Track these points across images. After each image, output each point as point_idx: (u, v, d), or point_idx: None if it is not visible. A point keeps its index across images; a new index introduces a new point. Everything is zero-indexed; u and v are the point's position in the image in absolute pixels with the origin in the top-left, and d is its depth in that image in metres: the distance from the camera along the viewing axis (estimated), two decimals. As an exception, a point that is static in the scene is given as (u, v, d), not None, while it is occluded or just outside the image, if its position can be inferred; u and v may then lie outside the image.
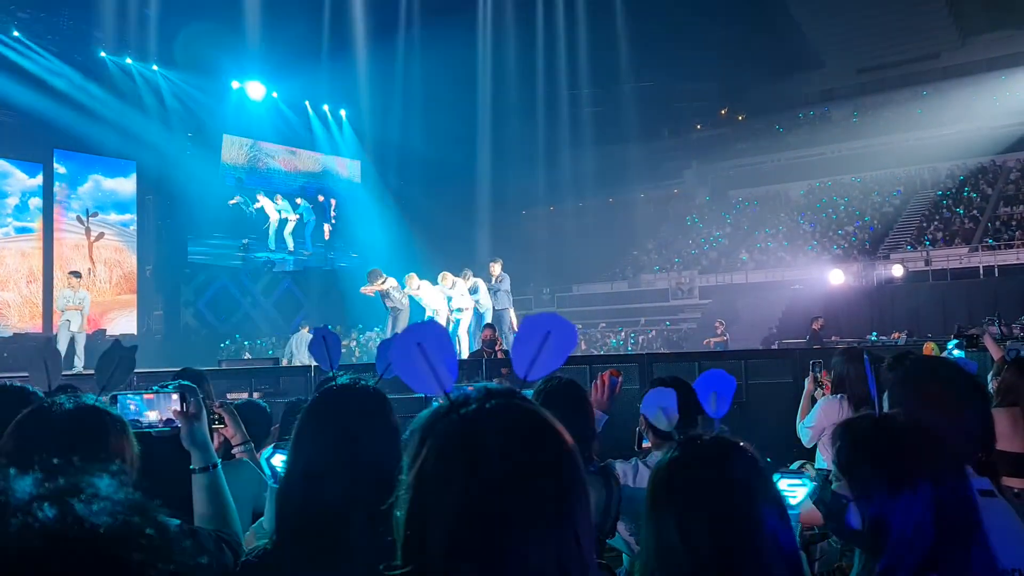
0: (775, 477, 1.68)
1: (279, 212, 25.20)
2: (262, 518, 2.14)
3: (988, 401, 2.05)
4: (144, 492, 1.65)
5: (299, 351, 14.69)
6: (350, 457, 1.66)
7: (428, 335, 1.12)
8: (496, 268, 12.82)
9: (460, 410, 1.01)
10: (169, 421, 2.08)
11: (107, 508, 0.63)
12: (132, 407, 2.12)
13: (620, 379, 3.07)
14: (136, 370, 2.12)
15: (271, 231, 25.13)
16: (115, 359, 1.98)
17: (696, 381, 1.45)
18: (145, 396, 2.14)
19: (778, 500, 1.31)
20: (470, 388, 1.08)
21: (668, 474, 1.31)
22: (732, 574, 1.23)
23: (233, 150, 24.49)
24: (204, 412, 2.12)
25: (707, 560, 1.23)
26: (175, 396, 2.10)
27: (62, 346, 11.83)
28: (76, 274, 12.84)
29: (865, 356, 2.15)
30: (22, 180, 19.58)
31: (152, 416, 2.12)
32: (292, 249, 25.65)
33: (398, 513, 1.00)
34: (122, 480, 0.68)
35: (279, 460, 2.11)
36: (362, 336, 23.56)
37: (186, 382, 2.24)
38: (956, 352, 4.59)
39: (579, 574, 0.95)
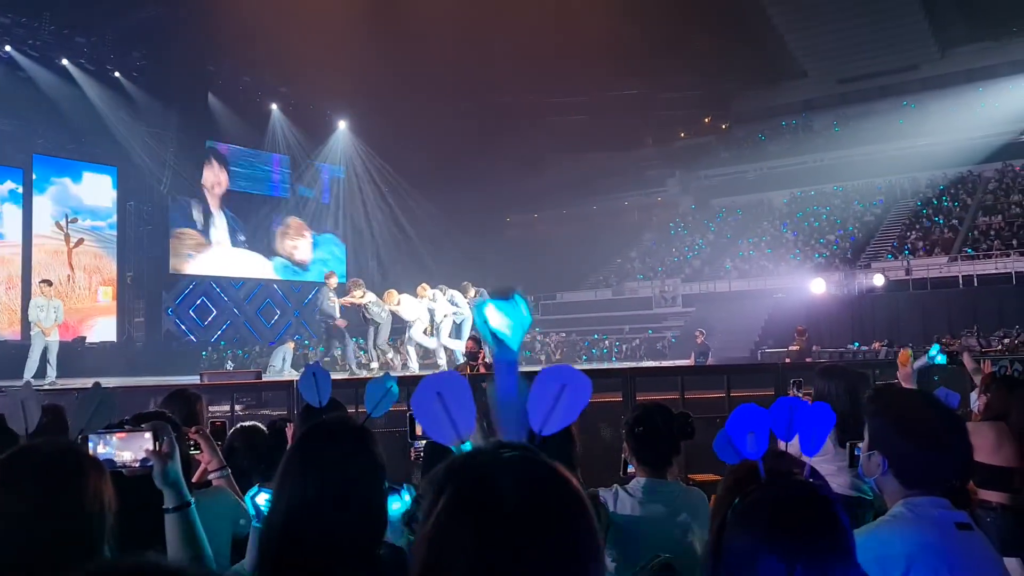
0: None
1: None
2: (243, 561, 2.12)
3: (966, 434, 2.07)
4: (117, 531, 1.64)
5: (284, 364, 14.66)
6: (335, 497, 1.65)
7: (448, 384, 1.13)
8: (471, 291, 12.88)
9: (477, 460, 1.01)
10: (144, 461, 2.06)
11: None
12: (104, 447, 2.09)
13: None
14: (119, 381, 2.10)
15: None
16: (94, 402, 1.96)
17: (728, 423, 1.42)
18: (117, 435, 2.12)
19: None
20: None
21: (771, 514, 1.24)
22: None
23: (230, 158, 24.52)
24: (178, 450, 2.10)
25: None
26: (147, 435, 2.08)
27: (35, 355, 11.72)
28: (48, 282, 12.71)
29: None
30: (0, 185, 19.40)
31: (126, 456, 2.10)
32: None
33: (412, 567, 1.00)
34: None
35: (263, 499, 2.10)
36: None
37: (160, 422, 2.20)
38: (939, 359, 4.62)
39: None
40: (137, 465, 2.07)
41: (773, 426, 1.47)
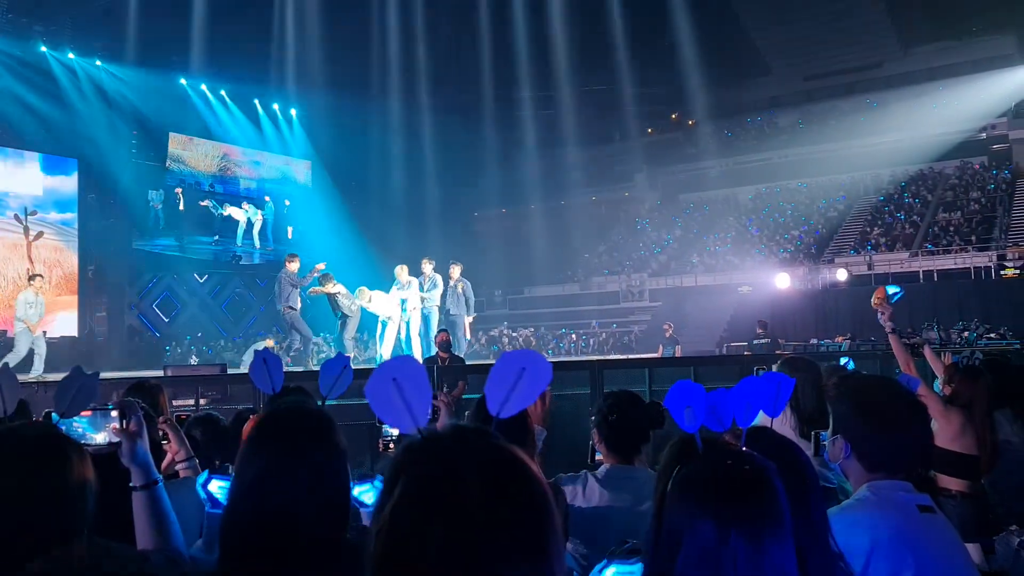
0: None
1: (246, 215, 25.00)
2: (197, 543, 2.11)
3: (928, 419, 2.10)
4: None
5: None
6: (296, 482, 1.64)
7: (404, 370, 1.11)
8: (455, 271, 12.80)
9: (434, 448, 0.99)
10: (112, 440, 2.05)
11: None
12: (78, 428, 2.07)
13: (548, 391, 3.10)
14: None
15: (240, 231, 24.87)
16: (75, 385, 1.93)
17: (667, 398, 1.46)
18: (82, 413, 2.10)
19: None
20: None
21: (705, 483, 1.29)
22: None
23: (191, 151, 24.14)
24: (146, 429, 2.07)
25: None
26: (114, 413, 2.05)
27: (23, 351, 11.59)
28: (40, 276, 12.62)
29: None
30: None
31: (100, 437, 2.07)
32: (259, 246, 25.50)
33: (369, 559, 0.98)
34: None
35: (215, 486, 2.08)
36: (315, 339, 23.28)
37: (129, 399, 2.19)
38: (899, 295, 4.74)
39: None
40: (104, 443, 2.05)
41: (735, 409, 1.50)
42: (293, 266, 12.15)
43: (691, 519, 1.26)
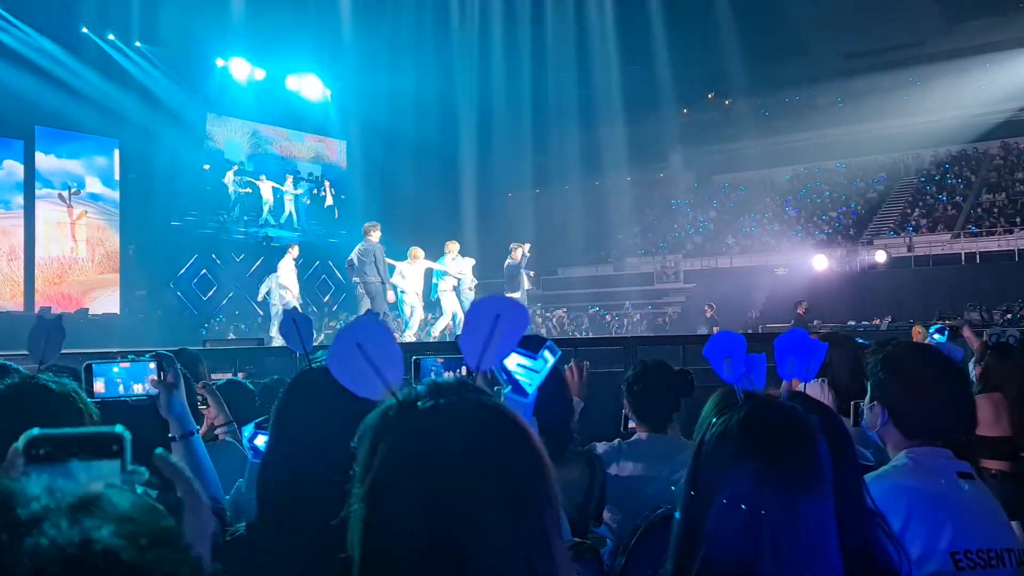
0: None
1: (275, 193, 25.15)
2: (239, 483, 2.15)
3: (969, 386, 2.07)
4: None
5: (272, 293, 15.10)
6: (332, 438, 1.65)
7: (367, 333, 1.04)
8: (518, 252, 12.51)
9: (412, 410, 0.96)
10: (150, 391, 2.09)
11: (130, 533, 0.55)
12: (119, 380, 2.12)
13: (586, 364, 3.11)
14: (121, 351, 2.12)
15: (266, 209, 25.00)
16: (44, 332, 1.95)
17: (706, 347, 1.45)
18: (121, 365, 2.14)
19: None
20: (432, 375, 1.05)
21: (742, 430, 1.28)
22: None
23: (228, 132, 24.35)
24: (182, 381, 2.12)
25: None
26: (152, 364, 2.10)
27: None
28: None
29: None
30: (2, 157, 19.34)
31: (139, 389, 2.12)
32: (296, 227, 25.65)
33: (353, 527, 0.95)
34: (148, 496, 0.62)
35: (262, 441, 2.12)
36: (351, 317, 23.48)
37: (166, 352, 2.23)
38: (937, 337, 4.64)
39: (548, 570, 0.93)
40: (143, 395, 2.09)
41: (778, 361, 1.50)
42: (375, 235, 11.67)
43: (727, 469, 1.25)
